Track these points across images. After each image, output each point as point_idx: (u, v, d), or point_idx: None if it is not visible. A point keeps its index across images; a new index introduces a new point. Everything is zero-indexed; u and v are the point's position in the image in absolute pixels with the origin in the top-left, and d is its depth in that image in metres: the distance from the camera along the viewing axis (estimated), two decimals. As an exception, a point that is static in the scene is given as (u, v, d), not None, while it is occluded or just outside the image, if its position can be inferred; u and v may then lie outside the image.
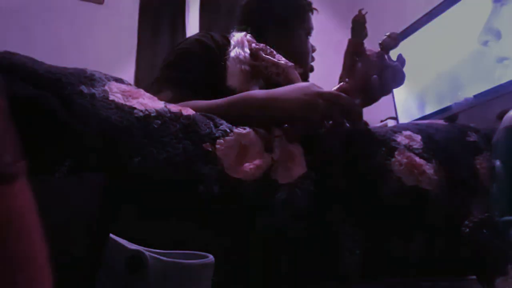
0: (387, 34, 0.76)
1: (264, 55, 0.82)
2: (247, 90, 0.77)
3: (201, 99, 0.78)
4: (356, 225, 0.62)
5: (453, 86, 1.68)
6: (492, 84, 1.47)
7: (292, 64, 0.84)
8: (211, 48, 0.94)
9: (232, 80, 0.81)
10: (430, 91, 1.85)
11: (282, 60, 0.83)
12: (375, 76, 0.72)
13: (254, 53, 0.82)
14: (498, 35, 1.47)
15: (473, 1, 1.59)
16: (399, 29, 2.03)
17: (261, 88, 0.81)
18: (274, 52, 0.86)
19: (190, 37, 1.01)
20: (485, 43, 1.51)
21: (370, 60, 0.75)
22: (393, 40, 0.76)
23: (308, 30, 1.08)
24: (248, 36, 0.88)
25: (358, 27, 0.76)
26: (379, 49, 0.76)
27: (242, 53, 0.81)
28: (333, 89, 0.75)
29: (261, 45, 0.86)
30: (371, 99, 0.77)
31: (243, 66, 0.80)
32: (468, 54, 1.60)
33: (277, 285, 0.57)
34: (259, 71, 0.81)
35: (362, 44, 0.77)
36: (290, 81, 0.79)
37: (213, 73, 0.89)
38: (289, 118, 0.68)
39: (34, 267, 0.28)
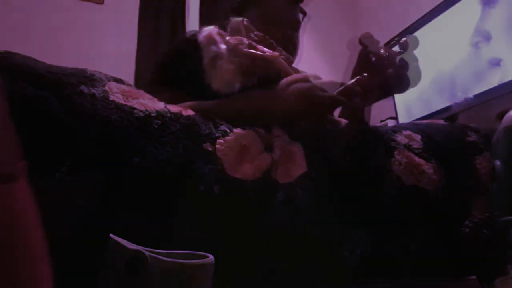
0: (409, 36, 0.78)
1: (243, 49, 0.77)
2: (232, 91, 0.74)
3: (195, 99, 0.78)
4: (356, 224, 0.62)
5: (453, 86, 1.68)
6: (492, 84, 1.47)
7: (277, 53, 0.81)
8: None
9: (216, 82, 0.76)
10: (430, 91, 1.85)
11: (268, 52, 0.79)
12: (390, 70, 0.73)
13: (232, 48, 0.78)
14: (488, 37, 1.48)
15: (473, 1, 1.59)
16: (399, 29, 2.03)
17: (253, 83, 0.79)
18: (274, 44, 0.85)
19: (182, 37, 1.01)
20: (476, 45, 1.52)
21: (384, 59, 0.77)
22: (407, 44, 0.77)
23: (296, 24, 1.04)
24: (245, 22, 0.85)
25: (367, 42, 0.78)
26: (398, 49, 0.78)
27: (221, 49, 0.77)
28: (350, 82, 0.75)
29: (260, 34, 0.84)
30: (385, 93, 0.78)
31: (222, 63, 0.75)
32: (468, 54, 1.60)
33: (277, 285, 0.57)
34: (244, 68, 0.77)
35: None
36: (279, 73, 0.77)
37: (203, 71, 0.88)
38: (289, 121, 0.69)
39: (34, 266, 0.28)
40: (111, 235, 0.43)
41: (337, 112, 1.04)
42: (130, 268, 0.41)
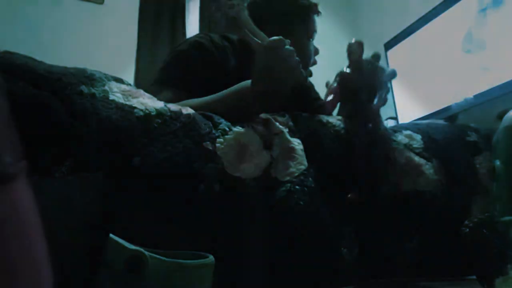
0: (351, 42, 0.79)
1: None
2: None
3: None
4: (355, 222, 0.62)
5: (453, 86, 1.68)
6: (492, 84, 1.47)
7: None
8: (210, 49, 0.94)
9: None
10: (430, 91, 1.85)
11: None
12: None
13: None
14: (482, 45, 1.48)
15: (473, 1, 1.59)
16: (399, 29, 2.03)
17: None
18: None
19: (188, 39, 1.01)
20: (468, 51, 1.52)
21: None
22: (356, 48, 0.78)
23: (310, 33, 1.06)
24: None
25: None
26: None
27: None
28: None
29: None
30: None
31: None
32: (468, 53, 1.60)
33: (278, 283, 0.57)
34: None
35: None
36: (237, 19, 0.79)
37: (211, 74, 0.89)
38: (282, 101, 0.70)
39: (34, 266, 0.28)
40: (111, 235, 0.43)
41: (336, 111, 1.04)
42: (130, 268, 0.41)
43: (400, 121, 2.03)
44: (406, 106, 2.02)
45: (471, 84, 1.56)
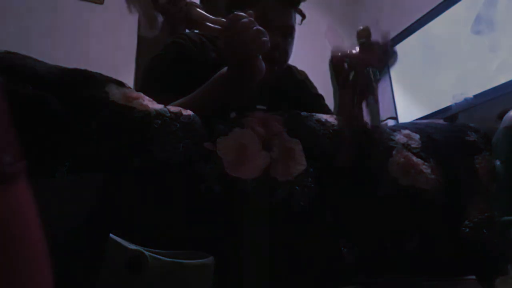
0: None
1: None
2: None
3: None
4: (354, 222, 0.62)
5: (453, 86, 1.68)
6: (492, 84, 1.47)
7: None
8: (187, 46, 0.94)
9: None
10: (430, 91, 1.85)
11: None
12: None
13: None
14: (492, 26, 1.47)
15: (473, 1, 1.59)
16: (399, 29, 2.03)
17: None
18: None
19: (166, 43, 1.01)
20: (478, 32, 1.51)
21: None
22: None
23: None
24: None
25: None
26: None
27: None
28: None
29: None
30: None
31: None
32: (469, 54, 1.60)
33: (278, 284, 0.57)
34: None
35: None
36: (190, 18, 0.79)
37: (193, 71, 0.89)
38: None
39: (34, 267, 0.28)
40: (111, 235, 0.43)
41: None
42: (130, 268, 0.41)
43: (400, 121, 2.04)
44: (406, 106, 2.02)
45: (472, 84, 1.56)
